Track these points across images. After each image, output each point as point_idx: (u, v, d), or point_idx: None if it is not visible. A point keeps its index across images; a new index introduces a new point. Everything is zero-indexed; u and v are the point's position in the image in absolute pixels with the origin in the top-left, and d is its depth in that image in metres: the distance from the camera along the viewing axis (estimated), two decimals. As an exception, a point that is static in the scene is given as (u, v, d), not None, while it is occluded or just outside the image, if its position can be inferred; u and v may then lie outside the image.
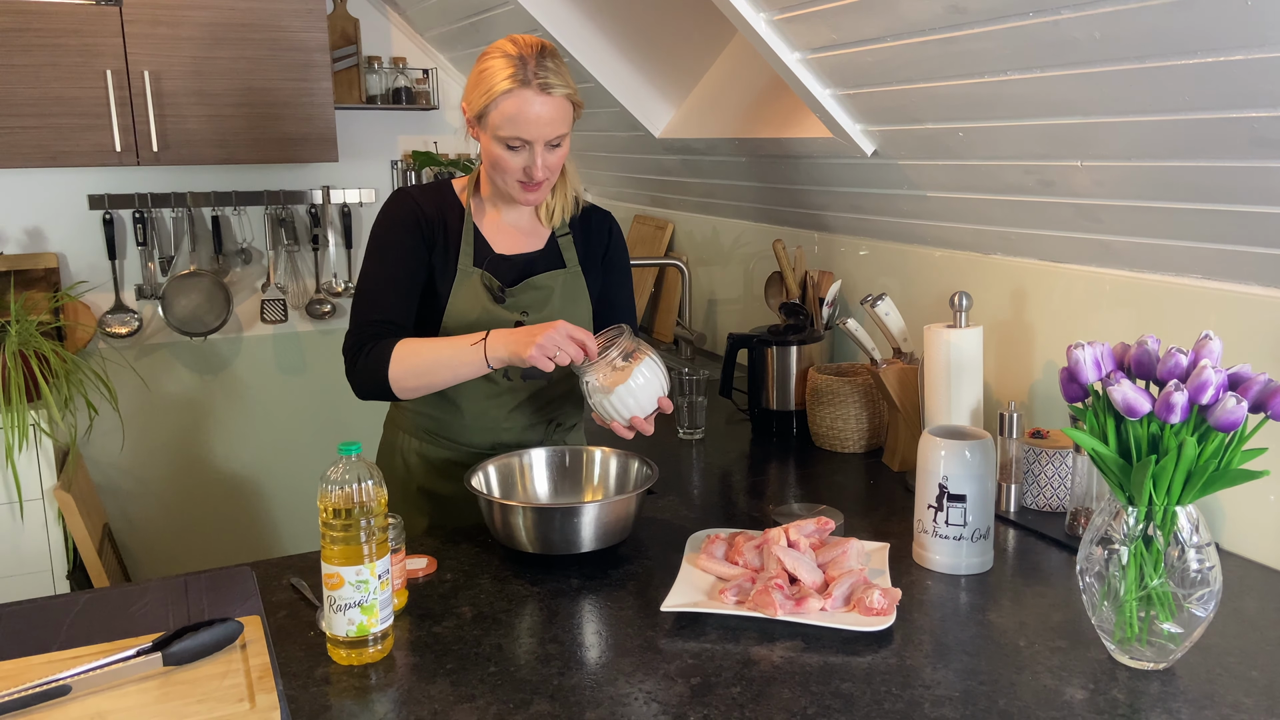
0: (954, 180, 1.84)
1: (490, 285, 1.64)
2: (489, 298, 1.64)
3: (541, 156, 1.55)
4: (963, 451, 1.42)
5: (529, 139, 1.53)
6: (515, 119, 1.51)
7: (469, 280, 1.64)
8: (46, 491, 2.74)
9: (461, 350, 1.50)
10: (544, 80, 1.51)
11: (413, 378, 1.54)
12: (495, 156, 1.56)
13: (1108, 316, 1.70)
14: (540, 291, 1.67)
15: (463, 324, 1.62)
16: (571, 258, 1.73)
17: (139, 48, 2.84)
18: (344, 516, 1.16)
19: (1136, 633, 1.16)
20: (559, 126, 1.55)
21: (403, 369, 1.53)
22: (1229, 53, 1.17)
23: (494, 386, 1.68)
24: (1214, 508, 1.54)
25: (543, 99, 1.51)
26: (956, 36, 1.47)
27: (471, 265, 1.65)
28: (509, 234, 1.69)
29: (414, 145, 3.57)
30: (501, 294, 1.64)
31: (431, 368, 1.53)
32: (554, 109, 1.53)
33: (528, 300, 1.66)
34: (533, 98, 1.51)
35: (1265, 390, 1.11)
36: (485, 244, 1.67)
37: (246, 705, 1.04)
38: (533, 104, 1.51)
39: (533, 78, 1.50)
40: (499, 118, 1.52)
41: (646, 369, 1.50)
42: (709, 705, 1.11)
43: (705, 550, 1.46)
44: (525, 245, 1.70)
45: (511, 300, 1.65)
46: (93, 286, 3.21)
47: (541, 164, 1.55)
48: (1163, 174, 1.43)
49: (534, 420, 1.73)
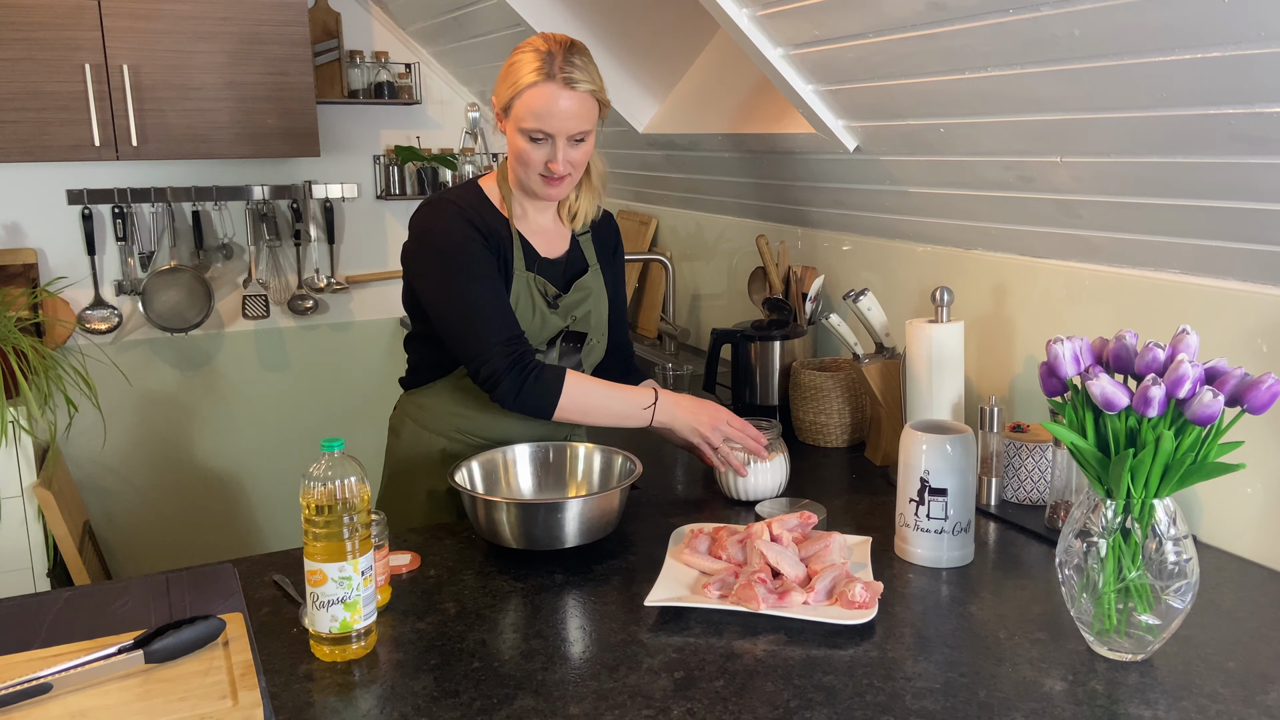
0: (935, 176, 1.85)
1: (545, 291, 1.68)
2: (544, 303, 1.68)
3: (564, 151, 1.57)
4: (944, 446, 1.43)
5: (551, 132, 1.55)
6: (539, 111, 1.54)
7: (524, 285, 1.66)
8: (26, 489, 2.72)
9: (632, 408, 1.63)
10: (569, 75, 1.53)
11: (579, 414, 1.62)
12: (519, 149, 1.59)
13: (1087, 311, 1.71)
14: (584, 294, 1.73)
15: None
16: (592, 257, 1.77)
17: (118, 41, 2.82)
18: (326, 513, 1.16)
19: (1115, 624, 1.17)
20: (582, 122, 1.56)
21: (572, 404, 1.60)
22: (1206, 50, 1.18)
23: None
24: (1191, 500, 1.56)
25: (567, 93, 1.53)
26: (937, 33, 1.48)
27: (524, 269, 1.67)
28: (541, 236, 1.72)
29: (397, 140, 3.56)
30: (556, 300, 1.69)
31: (599, 413, 1.64)
32: (577, 104, 1.55)
33: (575, 301, 1.71)
34: (557, 91, 1.53)
35: (1241, 384, 1.12)
36: (531, 247, 1.69)
37: (229, 703, 1.03)
38: (557, 97, 1.53)
39: (558, 72, 1.53)
40: (523, 109, 1.55)
41: (778, 466, 1.71)
42: (692, 699, 1.11)
43: (689, 545, 1.47)
44: (556, 248, 1.74)
45: (562, 305, 1.70)
46: (72, 282, 3.18)
47: (563, 158, 1.57)
48: (1141, 170, 1.44)
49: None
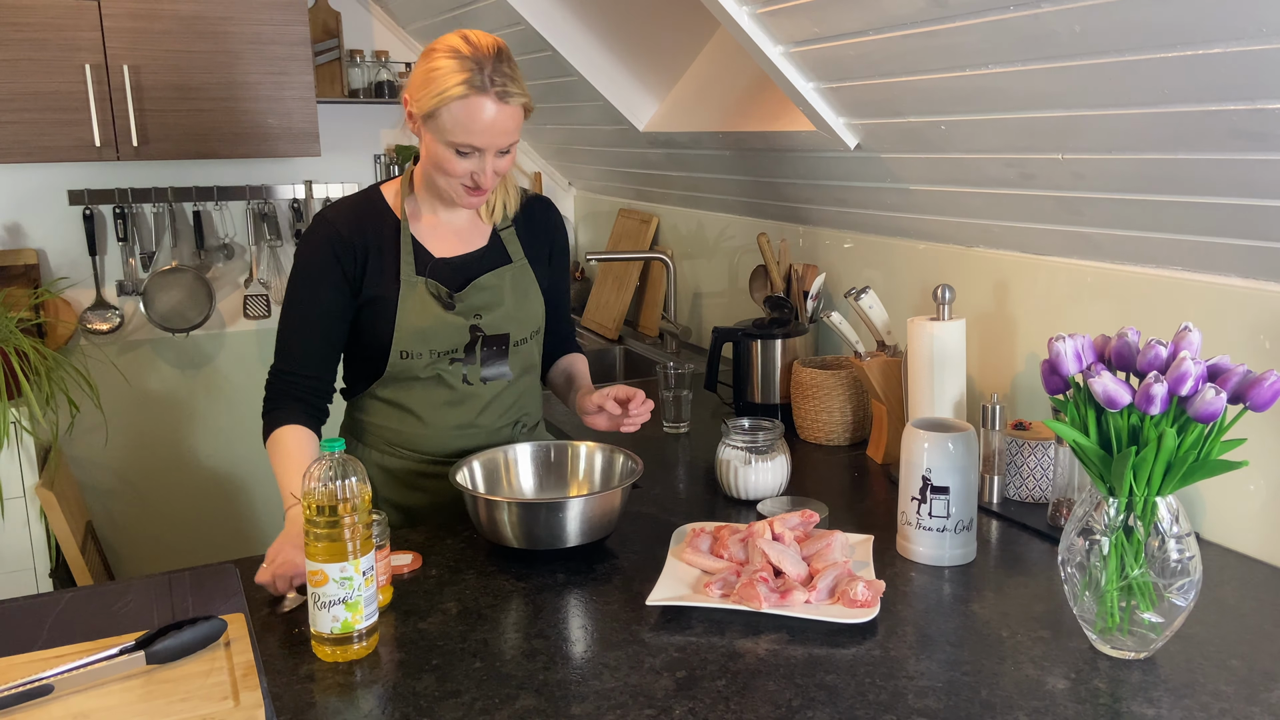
0: (936, 173, 1.85)
1: (438, 293, 1.60)
2: (438, 305, 1.59)
3: (491, 163, 1.50)
4: (946, 444, 1.42)
5: (482, 146, 1.48)
6: (469, 126, 1.45)
7: (415, 290, 1.59)
8: (28, 489, 2.72)
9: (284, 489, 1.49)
10: (502, 88, 1.45)
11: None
12: (440, 159, 1.50)
13: (1089, 308, 1.71)
14: (488, 291, 1.63)
15: (416, 334, 1.58)
16: (516, 251, 1.68)
17: (118, 41, 2.82)
18: (327, 514, 1.15)
19: (1117, 622, 1.17)
20: (513, 134, 1.50)
21: (270, 452, 1.55)
22: (1207, 46, 1.18)
23: (453, 392, 1.64)
24: (1194, 498, 1.56)
25: (499, 107, 1.45)
26: (938, 30, 1.48)
27: (414, 274, 1.59)
28: (447, 236, 1.64)
29: (397, 139, 3.56)
30: (450, 300, 1.60)
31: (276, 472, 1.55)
32: (510, 117, 1.47)
33: (479, 302, 1.62)
34: (489, 105, 1.44)
35: (1244, 381, 1.11)
36: (424, 250, 1.61)
37: (230, 703, 1.03)
38: (489, 112, 1.45)
39: (489, 85, 1.44)
40: (450, 122, 1.45)
41: (779, 464, 1.72)
42: (694, 698, 1.11)
43: (690, 544, 1.47)
44: (466, 245, 1.65)
45: (462, 305, 1.61)
46: (73, 283, 3.18)
47: (491, 170, 1.51)
48: (1143, 166, 1.44)
49: (499, 424, 1.70)
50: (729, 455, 1.72)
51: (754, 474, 1.70)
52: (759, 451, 1.70)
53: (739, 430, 1.74)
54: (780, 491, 1.73)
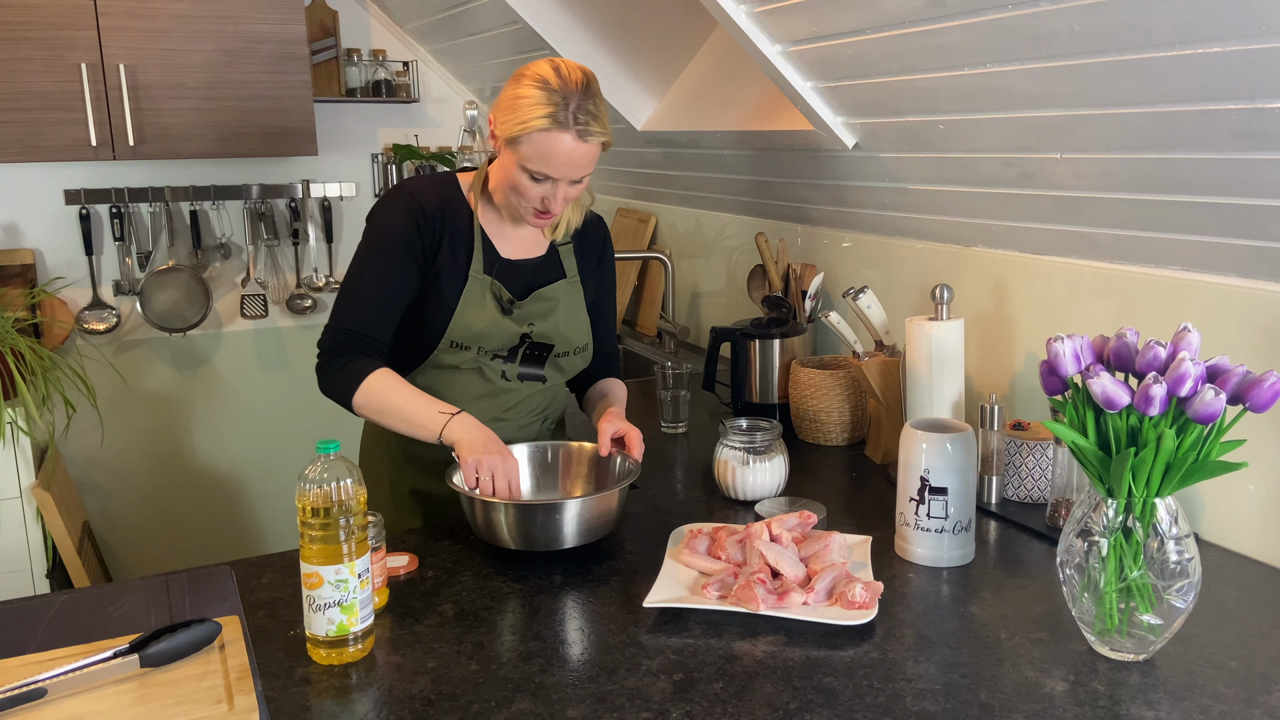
0: (935, 173, 1.84)
1: (500, 296, 1.63)
2: (498, 308, 1.63)
3: (563, 191, 1.53)
4: (944, 444, 1.42)
5: (556, 177, 1.50)
6: (547, 157, 1.48)
7: (479, 287, 1.62)
8: (25, 490, 2.71)
9: (425, 416, 1.52)
10: (585, 126, 1.47)
11: (373, 414, 1.57)
12: (515, 181, 1.53)
13: (1088, 308, 1.70)
14: (547, 303, 1.67)
15: (469, 332, 1.61)
16: (571, 267, 1.72)
17: (114, 40, 2.81)
18: (322, 515, 1.15)
19: (1116, 624, 1.16)
20: (588, 167, 1.52)
21: (368, 401, 1.55)
22: (1207, 45, 1.17)
23: (490, 385, 1.66)
24: (1193, 499, 1.55)
25: (578, 144, 1.48)
26: (936, 29, 1.47)
27: (482, 272, 1.62)
28: (512, 238, 1.67)
29: (395, 138, 3.55)
30: (511, 306, 1.64)
31: (392, 416, 1.55)
32: (588, 154, 1.50)
33: (535, 312, 1.66)
34: (569, 142, 1.47)
35: (1243, 382, 1.11)
36: (492, 247, 1.65)
37: (225, 707, 1.03)
38: (568, 146, 1.47)
39: (573, 121, 1.46)
40: (529, 150, 1.48)
41: (777, 465, 1.72)
42: (692, 701, 1.11)
43: (688, 545, 1.46)
44: (528, 251, 1.69)
45: (519, 312, 1.65)
46: (70, 282, 3.17)
47: (561, 197, 1.53)
48: (1142, 166, 1.43)
49: (529, 420, 1.73)
50: (727, 455, 1.71)
51: (752, 474, 1.69)
52: (757, 452, 1.70)
53: (737, 430, 1.73)
54: (778, 492, 1.72)
